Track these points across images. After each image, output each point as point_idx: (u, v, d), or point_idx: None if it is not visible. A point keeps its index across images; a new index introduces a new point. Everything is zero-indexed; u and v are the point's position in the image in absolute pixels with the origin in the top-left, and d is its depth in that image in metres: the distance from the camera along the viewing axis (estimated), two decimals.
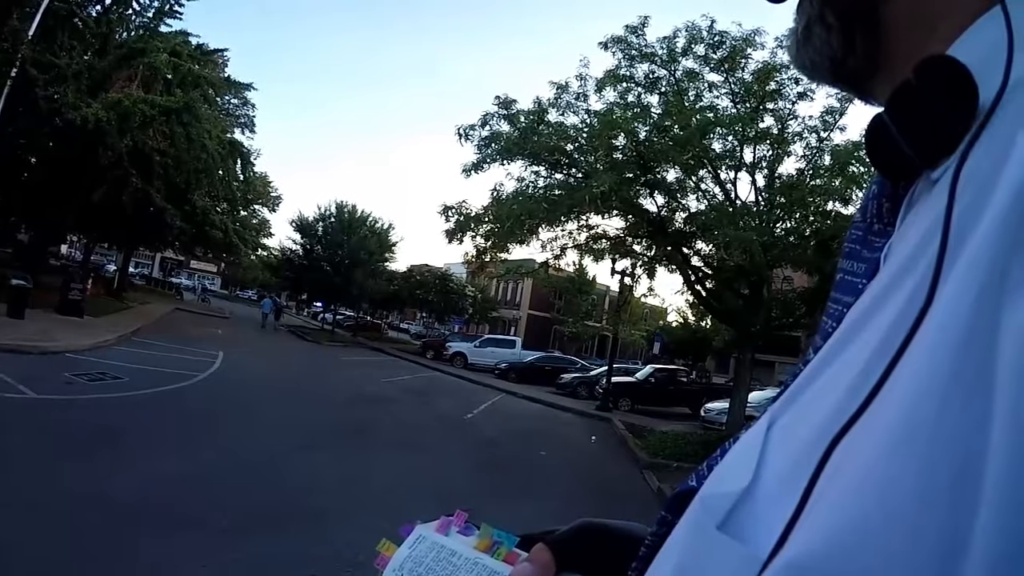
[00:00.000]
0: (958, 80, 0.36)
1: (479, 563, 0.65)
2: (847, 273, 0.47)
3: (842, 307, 0.44)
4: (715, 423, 18.27)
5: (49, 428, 7.72)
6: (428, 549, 0.67)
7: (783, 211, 13.22)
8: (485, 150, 13.79)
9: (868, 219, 0.47)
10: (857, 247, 0.47)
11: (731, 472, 0.40)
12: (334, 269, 37.81)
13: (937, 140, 0.37)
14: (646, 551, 0.51)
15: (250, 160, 33.06)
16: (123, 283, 34.08)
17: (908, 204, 0.42)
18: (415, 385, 21.03)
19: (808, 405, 0.38)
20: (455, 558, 0.66)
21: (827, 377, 0.38)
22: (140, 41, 22.28)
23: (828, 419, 0.33)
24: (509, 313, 57.37)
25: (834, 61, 0.51)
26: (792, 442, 0.37)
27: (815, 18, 0.51)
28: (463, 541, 0.68)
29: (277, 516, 6.19)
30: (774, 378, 39.10)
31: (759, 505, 0.36)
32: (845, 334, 0.39)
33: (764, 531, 0.33)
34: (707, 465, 0.47)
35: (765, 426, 0.41)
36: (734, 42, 12.96)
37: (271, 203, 56.97)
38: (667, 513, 0.48)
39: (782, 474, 0.36)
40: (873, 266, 0.43)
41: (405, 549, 0.68)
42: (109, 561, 4.63)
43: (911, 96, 0.37)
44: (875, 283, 0.40)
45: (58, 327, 15.53)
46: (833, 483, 0.30)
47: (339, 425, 11.49)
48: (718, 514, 0.37)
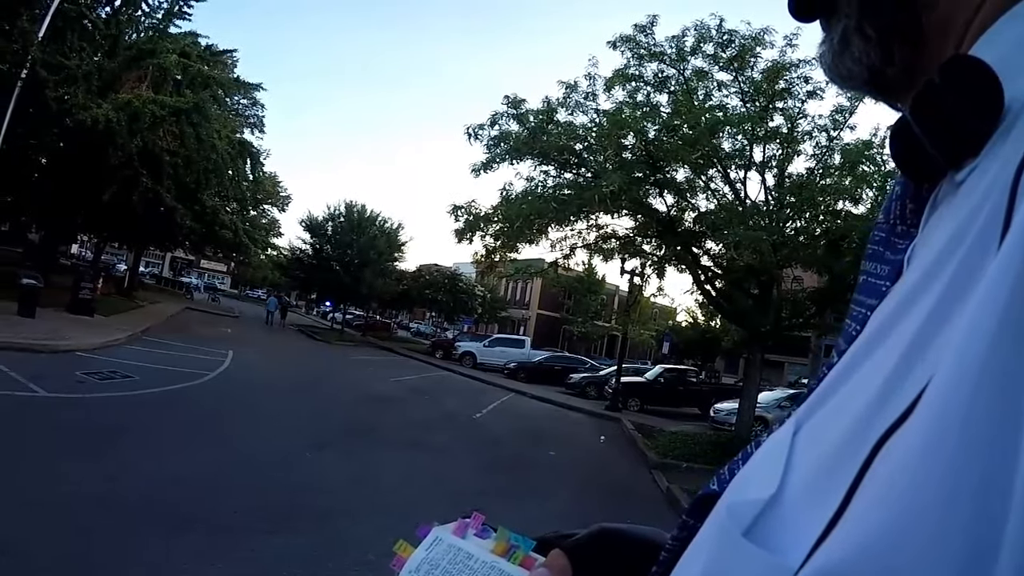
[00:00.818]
0: (983, 80, 0.35)
1: (496, 567, 0.64)
2: (870, 275, 0.47)
3: (865, 310, 0.44)
4: (724, 424, 18.22)
5: (59, 426, 7.76)
6: (445, 552, 0.67)
7: (793, 210, 13.15)
8: (494, 149, 13.76)
9: (891, 220, 0.47)
10: (880, 249, 0.47)
11: (756, 478, 0.39)
12: (343, 269, 37.94)
13: (962, 141, 0.36)
14: (667, 555, 0.50)
15: (260, 160, 33.15)
16: (133, 282, 34.23)
17: (932, 206, 0.42)
18: (424, 385, 21.06)
19: (836, 410, 0.37)
20: (472, 561, 0.65)
21: (855, 382, 0.37)
22: (150, 42, 22.36)
23: (857, 425, 0.33)
24: (518, 313, 57.44)
25: (872, 71, 0.50)
26: (820, 448, 0.36)
27: (853, 29, 0.50)
28: (480, 544, 0.68)
29: (286, 515, 6.19)
30: (784, 378, 39.07)
31: (787, 512, 0.35)
32: (871, 338, 0.38)
33: (792, 539, 0.33)
34: (729, 470, 0.46)
35: (791, 431, 0.40)
36: (743, 41, 12.89)
37: (281, 203, 57.19)
38: (688, 517, 0.48)
39: (810, 481, 0.35)
40: (896, 268, 0.43)
41: (422, 551, 0.68)
42: (118, 559, 4.63)
43: (935, 96, 0.37)
44: (900, 286, 0.40)
45: (69, 326, 15.61)
46: (866, 491, 0.30)
47: (348, 424, 11.51)
48: (744, 521, 0.36)
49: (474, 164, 13.92)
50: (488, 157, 13.80)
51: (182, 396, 11.19)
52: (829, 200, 12.86)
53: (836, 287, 12.77)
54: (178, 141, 22.45)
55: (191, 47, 25.71)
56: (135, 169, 21.29)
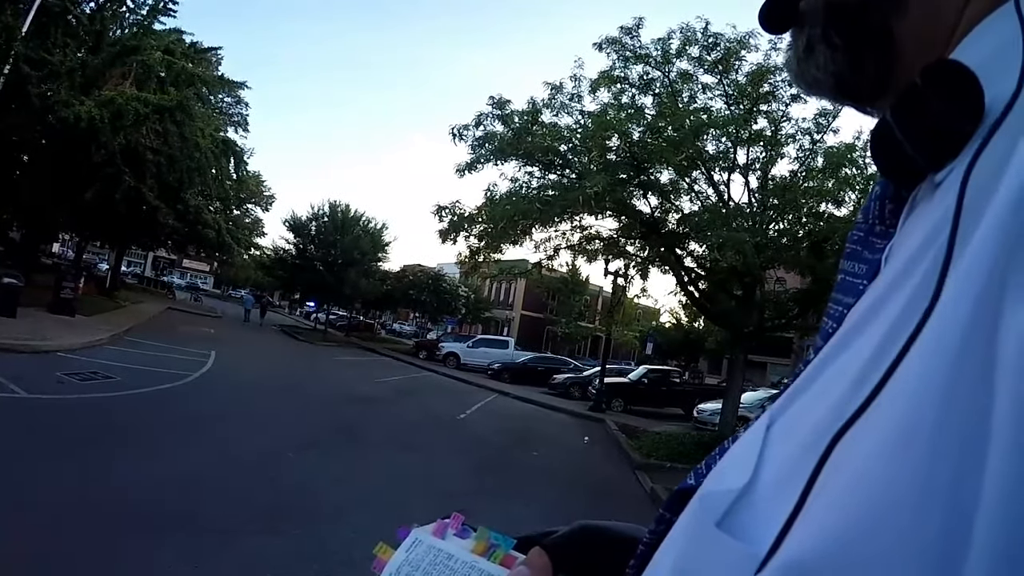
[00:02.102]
0: (964, 83, 0.36)
1: (476, 567, 0.65)
2: (848, 274, 0.47)
3: (842, 308, 0.44)
4: (708, 424, 18.29)
5: (40, 428, 7.68)
6: (425, 553, 0.67)
7: (776, 212, 13.26)
8: (479, 150, 13.79)
9: (870, 220, 0.47)
10: (858, 248, 0.47)
11: (730, 470, 0.40)
12: (327, 269, 37.72)
13: (942, 143, 0.37)
14: (644, 549, 0.51)
15: (243, 159, 32.85)
16: (115, 282, 33.87)
17: (910, 206, 0.42)
18: (408, 385, 21.01)
19: (808, 404, 0.38)
20: (452, 562, 0.65)
21: (827, 377, 0.38)
22: (134, 39, 22.10)
23: (827, 418, 0.33)
24: (502, 313, 57.36)
25: (839, 79, 0.51)
26: (791, 441, 0.36)
27: (817, 37, 0.50)
28: (460, 544, 0.68)
29: (270, 516, 6.17)
30: (767, 379, 39.25)
31: (758, 503, 0.36)
32: (845, 335, 0.39)
33: (763, 529, 0.33)
34: (706, 464, 0.47)
35: (764, 425, 0.40)
36: (728, 44, 12.99)
37: (264, 202, 57.02)
38: (666, 511, 0.48)
39: (781, 473, 0.35)
40: (874, 267, 0.43)
41: (402, 553, 0.68)
42: (101, 561, 4.60)
43: (917, 99, 0.37)
44: (876, 284, 0.41)
45: (50, 326, 15.45)
46: (832, 482, 0.30)
47: (332, 425, 11.46)
48: (717, 512, 0.37)
49: (459, 164, 13.98)
50: (473, 157, 13.84)
51: (164, 397, 11.10)
52: (812, 202, 13.00)
53: (819, 288, 12.88)
54: (161, 139, 22.22)
55: (175, 44, 25.45)
56: (118, 167, 21.05)
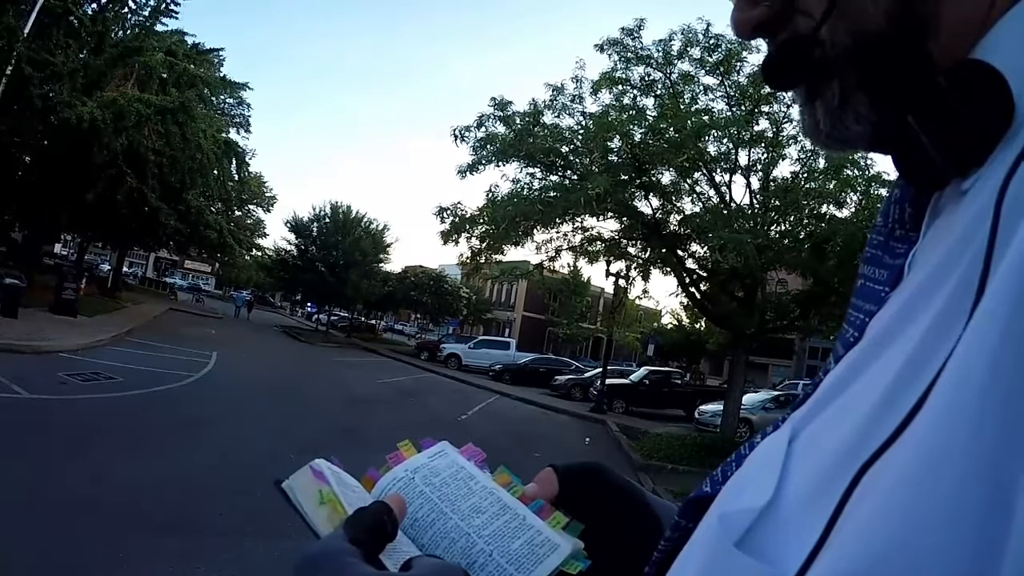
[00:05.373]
0: (992, 85, 0.34)
1: (494, 493, 0.65)
2: (868, 279, 0.45)
3: (863, 315, 0.43)
4: (709, 425, 18.27)
5: (42, 428, 7.70)
6: (448, 465, 0.68)
7: (777, 214, 13.26)
8: (480, 151, 13.78)
9: (890, 224, 0.45)
10: (878, 253, 0.45)
11: (750, 485, 0.39)
12: (329, 270, 37.73)
13: (969, 148, 0.35)
14: (660, 555, 0.50)
15: (245, 160, 32.86)
16: (117, 283, 33.88)
17: (932, 212, 0.41)
18: (409, 386, 21.03)
19: (833, 419, 0.37)
20: (472, 482, 0.66)
21: (854, 391, 0.37)
22: (136, 40, 22.14)
23: (855, 437, 0.32)
24: (504, 315, 57.37)
25: (877, 128, 0.43)
26: (817, 457, 0.35)
27: (852, 85, 0.43)
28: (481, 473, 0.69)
29: (271, 517, 6.16)
30: (768, 380, 39.33)
31: (782, 523, 0.35)
32: (871, 345, 0.38)
33: (787, 551, 0.32)
34: (722, 472, 0.46)
35: (787, 438, 0.39)
36: (730, 45, 12.96)
37: (266, 203, 56.96)
38: (681, 518, 0.47)
39: (807, 492, 0.34)
40: (895, 273, 0.42)
41: (424, 457, 0.69)
42: (103, 561, 4.61)
43: (942, 103, 0.36)
44: (900, 293, 0.40)
45: (52, 326, 15.48)
46: (863, 505, 0.29)
47: (333, 426, 11.47)
48: (737, 531, 0.36)
49: (460, 166, 13.96)
50: (474, 159, 13.83)
51: (166, 398, 11.12)
52: (813, 204, 12.99)
53: (820, 290, 12.87)
54: (163, 140, 22.22)
55: (177, 45, 25.52)
56: (120, 168, 21.09)
